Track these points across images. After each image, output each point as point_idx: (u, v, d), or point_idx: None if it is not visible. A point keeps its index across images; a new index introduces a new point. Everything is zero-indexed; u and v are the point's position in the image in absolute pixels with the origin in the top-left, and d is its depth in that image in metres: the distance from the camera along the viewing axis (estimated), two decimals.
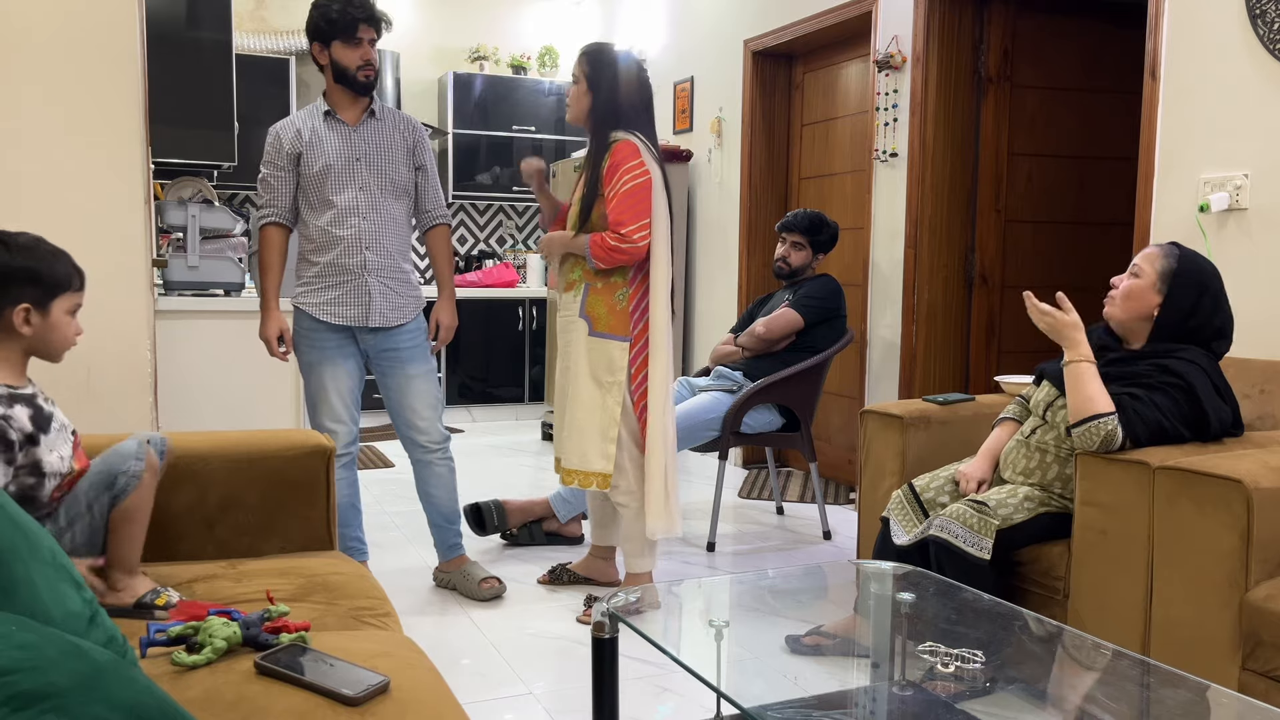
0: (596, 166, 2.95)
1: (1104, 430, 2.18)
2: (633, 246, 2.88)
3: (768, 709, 1.53)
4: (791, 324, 3.89)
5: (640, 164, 2.90)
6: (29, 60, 2.72)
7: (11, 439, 1.70)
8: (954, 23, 4.12)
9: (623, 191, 2.88)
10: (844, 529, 4.11)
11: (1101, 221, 4.43)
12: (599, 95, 2.97)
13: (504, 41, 7.13)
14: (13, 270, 1.73)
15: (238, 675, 1.40)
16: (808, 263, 4.03)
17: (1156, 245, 2.40)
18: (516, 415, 6.73)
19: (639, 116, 3.00)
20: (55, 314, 1.79)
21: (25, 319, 1.76)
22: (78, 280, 1.83)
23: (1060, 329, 2.30)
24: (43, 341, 1.79)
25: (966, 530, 2.31)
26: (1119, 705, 1.60)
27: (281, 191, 3.07)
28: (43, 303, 1.77)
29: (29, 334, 1.76)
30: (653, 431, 2.96)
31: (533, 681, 2.60)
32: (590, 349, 2.97)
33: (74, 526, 1.81)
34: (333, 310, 3.06)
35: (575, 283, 3.03)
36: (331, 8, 2.97)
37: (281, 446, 2.20)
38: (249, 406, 3.74)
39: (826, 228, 4.01)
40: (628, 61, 3.02)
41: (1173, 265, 2.34)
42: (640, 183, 2.89)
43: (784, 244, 4.06)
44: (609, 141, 2.95)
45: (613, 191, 2.90)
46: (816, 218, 4.02)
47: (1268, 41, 2.81)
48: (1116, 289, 2.41)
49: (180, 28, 4.35)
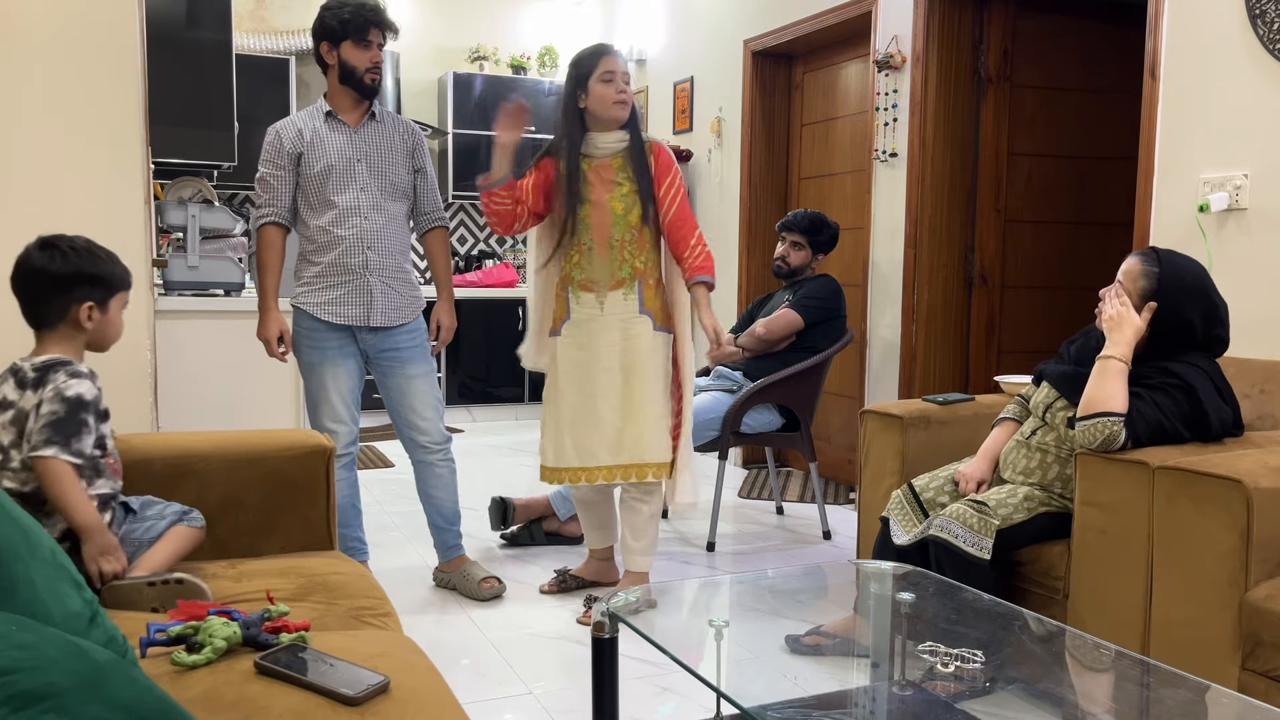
0: (645, 163, 3.02)
1: (1108, 429, 2.18)
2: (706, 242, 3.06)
3: (768, 709, 1.53)
4: (792, 324, 3.89)
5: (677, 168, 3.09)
6: (29, 60, 2.72)
7: (104, 408, 1.94)
8: (954, 23, 4.12)
9: (684, 194, 3.07)
10: (844, 529, 4.11)
11: (1101, 221, 4.43)
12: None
13: (504, 41, 7.13)
14: (81, 272, 1.93)
15: (238, 675, 1.40)
16: (807, 263, 4.04)
17: (1137, 256, 2.36)
18: (516, 415, 6.73)
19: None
20: (113, 310, 2.00)
21: (89, 315, 1.95)
22: (129, 279, 2.03)
23: (1124, 323, 2.29)
24: (101, 335, 1.99)
25: (966, 530, 2.31)
26: (1119, 705, 1.60)
27: (281, 191, 3.07)
28: (104, 301, 1.97)
29: (91, 328, 1.96)
30: (688, 419, 3.09)
31: (533, 681, 2.60)
32: (657, 345, 3.02)
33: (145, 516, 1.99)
34: (335, 310, 3.06)
35: (625, 280, 3.00)
36: (345, 9, 2.98)
37: (281, 446, 2.20)
38: (249, 406, 3.74)
39: (827, 228, 4.02)
40: None
41: (1153, 286, 2.30)
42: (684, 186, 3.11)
43: (784, 243, 4.06)
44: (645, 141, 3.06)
45: (674, 192, 3.04)
46: (817, 218, 4.02)
47: (1268, 41, 2.81)
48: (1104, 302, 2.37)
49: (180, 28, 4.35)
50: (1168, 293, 2.30)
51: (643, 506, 3.06)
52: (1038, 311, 4.40)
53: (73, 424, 1.85)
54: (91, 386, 1.91)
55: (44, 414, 1.84)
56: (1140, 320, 2.29)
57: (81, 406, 1.87)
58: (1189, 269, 2.33)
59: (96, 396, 1.92)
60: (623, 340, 3.00)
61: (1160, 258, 2.33)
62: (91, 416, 1.89)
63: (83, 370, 1.92)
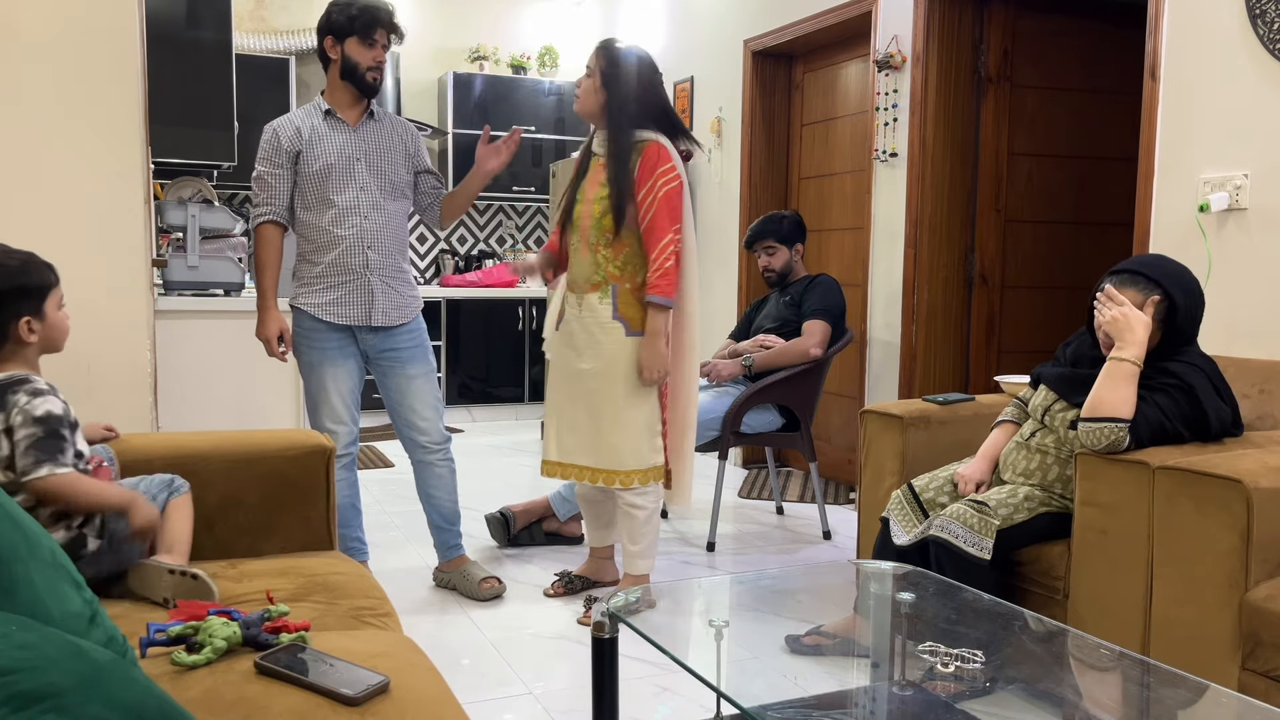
0: (624, 165, 2.94)
1: (1114, 435, 2.17)
2: (674, 253, 2.92)
3: (768, 709, 1.53)
4: (826, 334, 3.88)
5: (672, 167, 2.94)
6: (29, 61, 2.72)
7: (75, 419, 1.89)
8: (954, 22, 4.12)
9: (661, 197, 2.91)
10: (844, 529, 4.11)
11: (1101, 221, 4.43)
12: (614, 93, 2.95)
13: (504, 41, 7.12)
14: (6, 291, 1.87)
15: (238, 675, 1.40)
16: (789, 259, 4.04)
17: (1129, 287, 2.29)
18: (516, 415, 6.73)
19: (660, 119, 3.01)
20: (51, 314, 1.94)
21: (29, 329, 1.90)
22: (54, 275, 1.96)
23: (1131, 323, 2.24)
24: (48, 340, 1.95)
25: (967, 530, 2.31)
26: (1119, 705, 1.60)
27: (279, 190, 3.07)
28: (38, 310, 1.92)
29: (35, 340, 1.92)
30: (688, 419, 3.06)
31: (533, 681, 2.60)
32: (632, 351, 2.96)
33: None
34: (335, 310, 3.06)
35: (601, 283, 2.99)
36: (354, 7, 2.99)
37: (281, 446, 2.20)
38: (249, 406, 3.74)
39: (785, 219, 4.02)
40: (645, 62, 3.01)
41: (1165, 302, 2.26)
42: (674, 187, 2.93)
43: (760, 256, 4.07)
44: (634, 141, 2.95)
45: (651, 196, 2.91)
46: (770, 217, 4.05)
47: (1268, 41, 2.81)
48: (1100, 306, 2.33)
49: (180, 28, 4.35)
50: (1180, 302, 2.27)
51: (637, 511, 3.03)
52: (1038, 311, 4.40)
53: (54, 440, 1.81)
54: (57, 400, 1.86)
55: (22, 439, 1.80)
56: (1148, 317, 2.27)
57: (56, 422, 1.83)
58: (1182, 272, 2.32)
59: (65, 410, 1.87)
60: (593, 345, 3.00)
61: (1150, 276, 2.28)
62: (67, 430, 1.85)
63: (43, 387, 1.87)
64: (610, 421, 2.97)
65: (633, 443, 2.97)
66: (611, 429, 2.97)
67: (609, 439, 2.98)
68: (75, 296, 2.76)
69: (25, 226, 2.73)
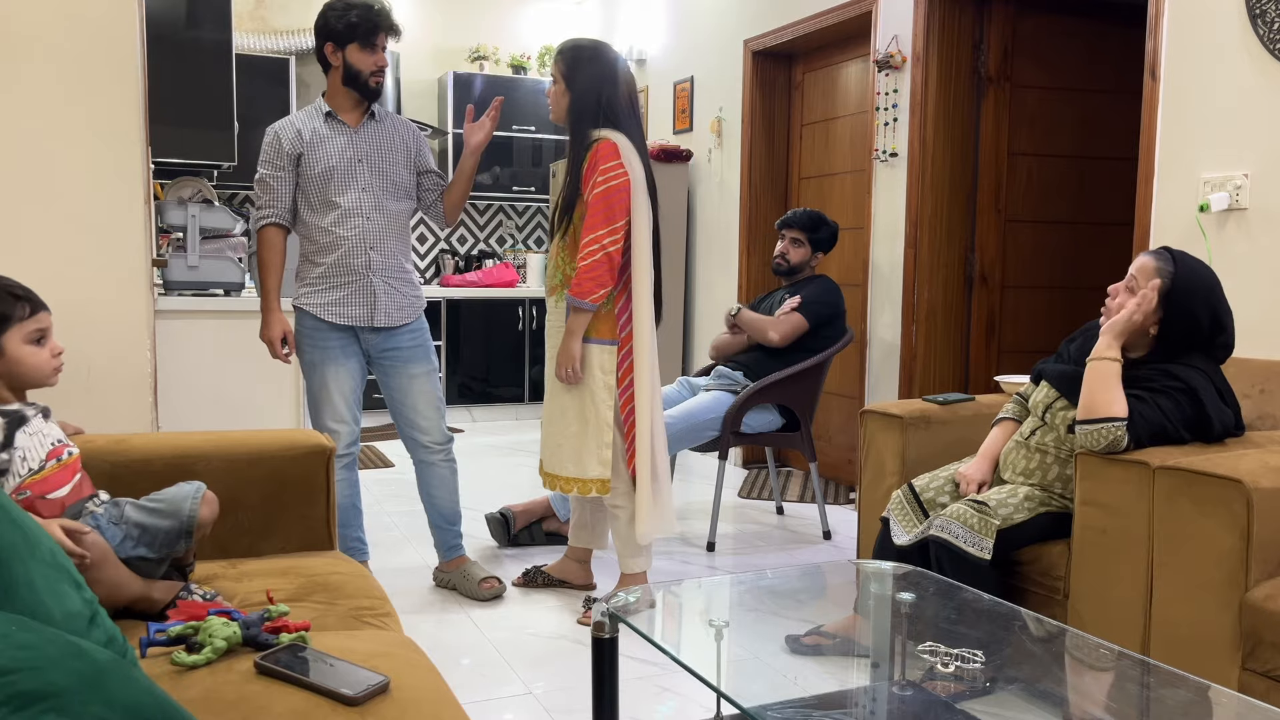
0: (578, 166, 2.91)
1: (1112, 434, 2.18)
2: (604, 253, 2.82)
3: (768, 709, 1.53)
4: (798, 329, 3.89)
5: (617, 165, 2.83)
6: (29, 60, 2.71)
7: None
8: (954, 22, 4.12)
9: (596, 195, 2.82)
10: (844, 529, 4.11)
11: (1101, 221, 4.43)
12: (575, 93, 2.92)
13: (504, 41, 7.12)
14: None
15: (238, 675, 1.40)
16: (806, 260, 4.04)
17: (1151, 255, 2.35)
18: (516, 415, 6.73)
19: (620, 113, 2.92)
20: (11, 349, 1.74)
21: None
22: (27, 308, 1.76)
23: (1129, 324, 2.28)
24: (11, 376, 1.76)
25: (967, 530, 2.31)
26: (1119, 705, 1.60)
27: (281, 192, 3.07)
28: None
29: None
30: (640, 436, 2.92)
31: (533, 681, 2.60)
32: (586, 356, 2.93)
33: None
34: (338, 311, 3.06)
35: (558, 287, 3.00)
36: (352, 12, 2.97)
37: (281, 446, 2.20)
38: (249, 406, 3.73)
39: (825, 226, 4.02)
40: (606, 56, 2.95)
41: (1167, 285, 2.29)
42: (615, 184, 2.82)
43: (783, 240, 4.07)
44: (590, 141, 2.91)
45: (590, 194, 2.85)
46: (816, 215, 4.03)
47: (1268, 41, 2.81)
48: (1114, 300, 2.37)
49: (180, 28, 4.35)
50: (1183, 290, 2.29)
51: (619, 512, 3.02)
52: (1038, 311, 4.40)
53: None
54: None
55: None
56: (1138, 317, 2.28)
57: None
58: (1201, 271, 2.33)
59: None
60: (553, 349, 3.01)
61: (1175, 257, 2.33)
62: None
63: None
64: (556, 425, 2.98)
65: (573, 449, 2.94)
66: (559, 433, 2.98)
67: (553, 442, 3.00)
68: (75, 296, 2.76)
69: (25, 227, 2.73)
